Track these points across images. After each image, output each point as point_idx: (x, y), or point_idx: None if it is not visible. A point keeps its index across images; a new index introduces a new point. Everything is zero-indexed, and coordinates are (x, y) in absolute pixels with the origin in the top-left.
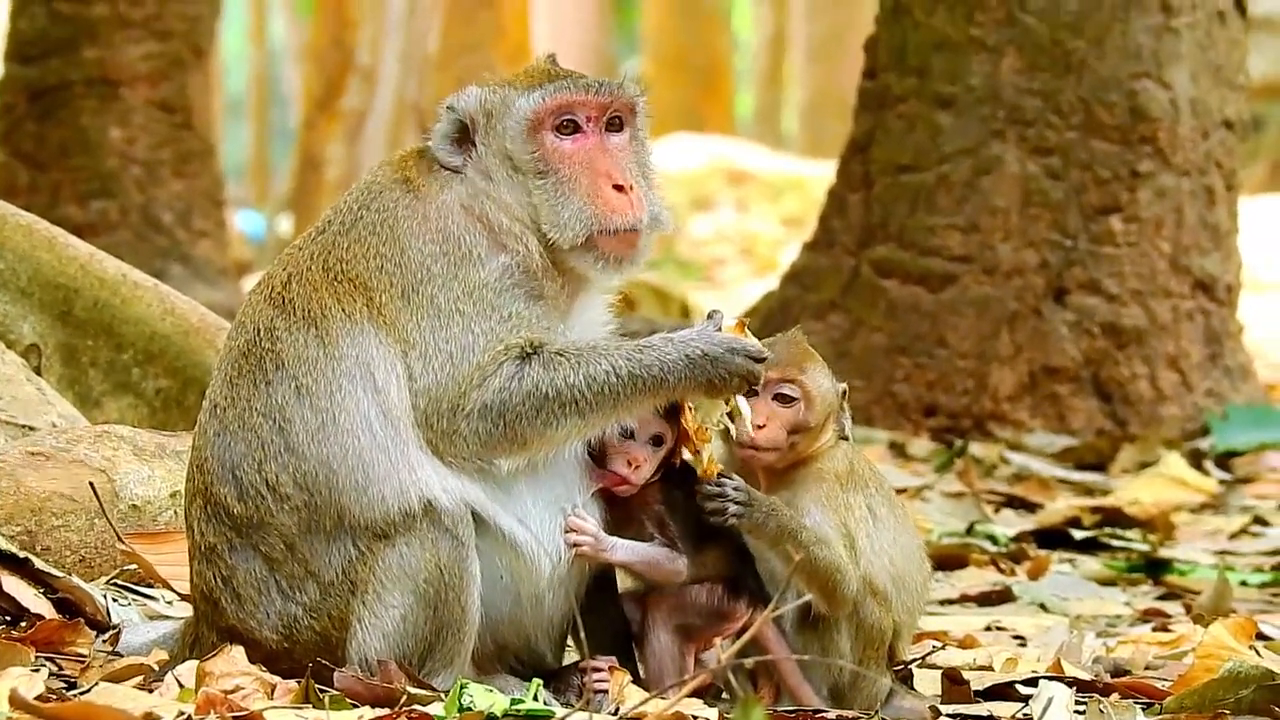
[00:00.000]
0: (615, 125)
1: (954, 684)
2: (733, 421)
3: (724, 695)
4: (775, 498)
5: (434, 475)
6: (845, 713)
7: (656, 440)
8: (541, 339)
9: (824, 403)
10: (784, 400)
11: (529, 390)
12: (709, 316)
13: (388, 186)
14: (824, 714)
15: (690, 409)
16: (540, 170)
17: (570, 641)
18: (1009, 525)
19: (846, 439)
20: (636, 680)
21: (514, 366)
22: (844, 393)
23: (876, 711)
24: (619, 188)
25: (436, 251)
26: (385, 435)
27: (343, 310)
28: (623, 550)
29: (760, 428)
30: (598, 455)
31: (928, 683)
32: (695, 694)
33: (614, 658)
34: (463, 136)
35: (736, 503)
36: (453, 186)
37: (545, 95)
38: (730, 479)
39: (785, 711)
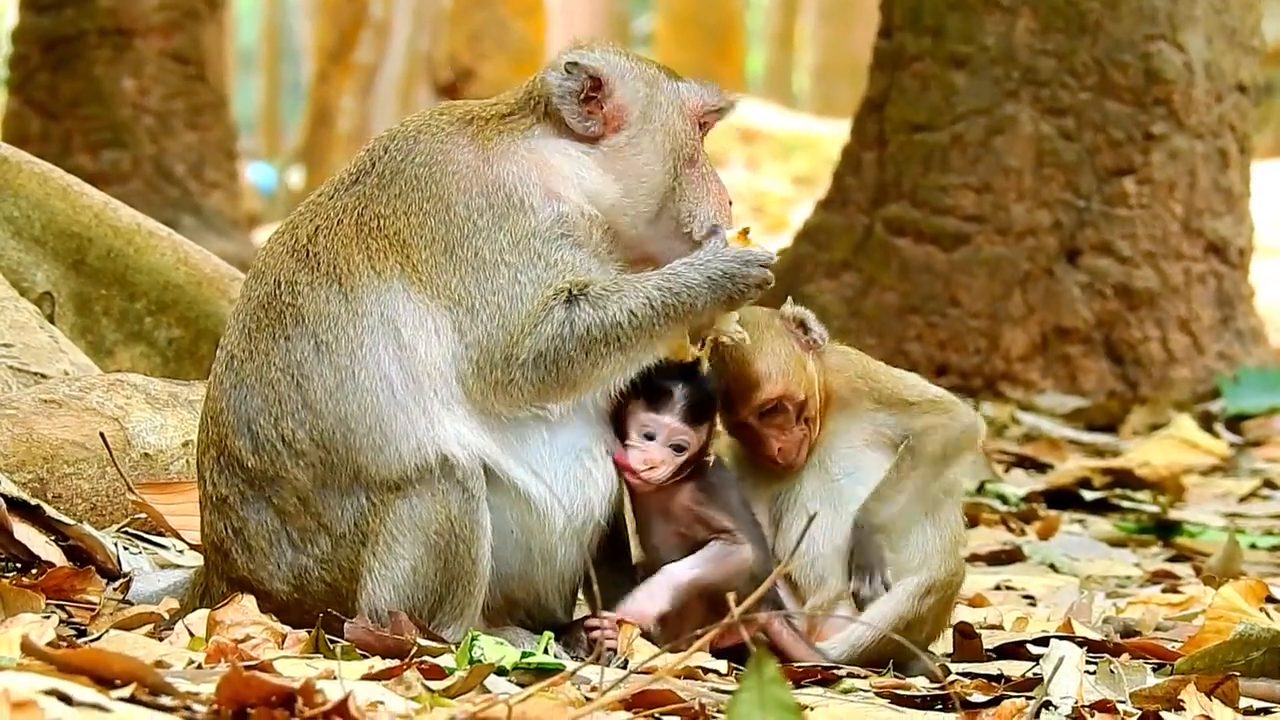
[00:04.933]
0: None
1: (965, 638)
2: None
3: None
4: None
5: (451, 431)
6: (857, 669)
7: (678, 448)
8: (585, 280)
9: (796, 375)
10: (772, 416)
11: (580, 334)
12: (712, 232)
13: (438, 138)
14: (834, 669)
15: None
16: (692, 159)
17: (581, 596)
18: (1019, 485)
19: (819, 346)
20: (647, 635)
21: (564, 311)
22: (793, 318)
23: (888, 669)
24: (729, 200)
25: (484, 204)
26: (405, 393)
27: (373, 268)
28: (664, 598)
29: (778, 455)
30: (619, 430)
31: (939, 642)
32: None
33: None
34: (585, 99)
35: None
36: (519, 137)
37: (710, 93)
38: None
39: (799, 666)
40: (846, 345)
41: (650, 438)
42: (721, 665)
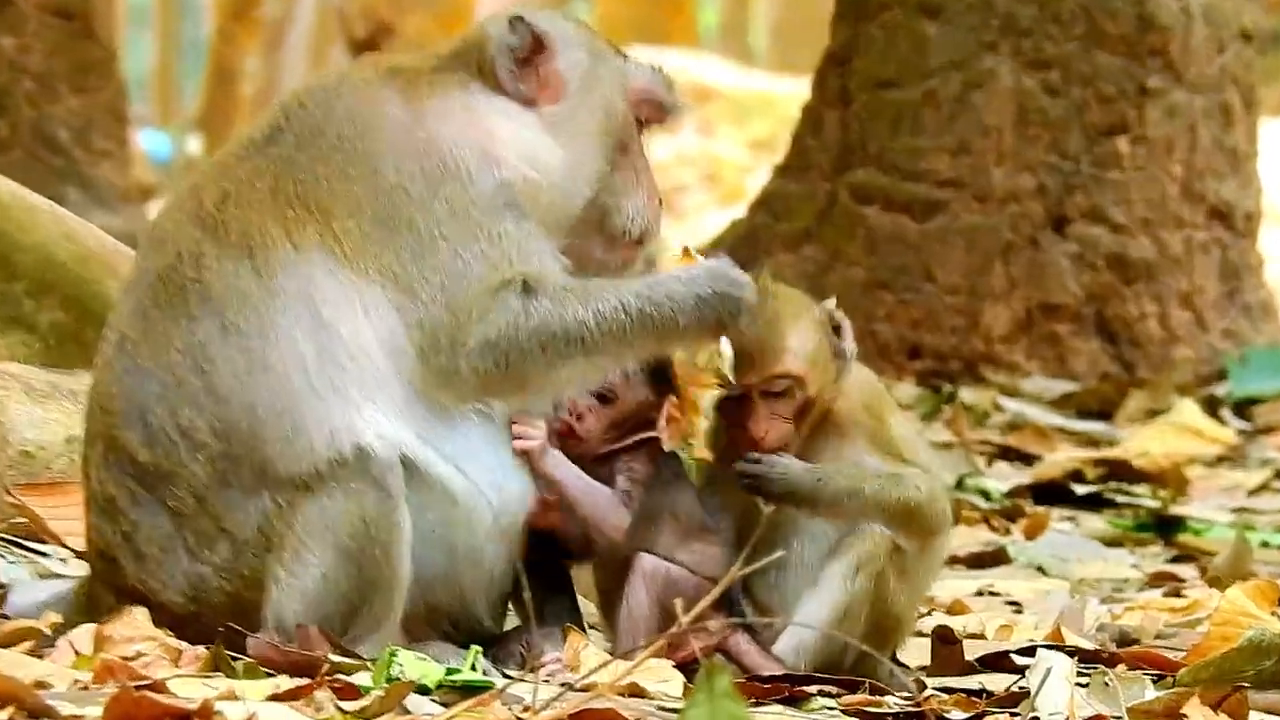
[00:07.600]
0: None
1: (944, 644)
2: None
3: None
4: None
5: (370, 420)
6: (827, 687)
7: (602, 397)
8: (543, 271)
9: (818, 366)
10: (776, 396)
11: (535, 327)
12: (699, 253)
13: (363, 93)
14: (803, 687)
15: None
16: (624, 147)
17: (511, 607)
18: (1003, 479)
19: (844, 357)
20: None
21: (518, 301)
22: (830, 317)
23: (863, 687)
24: (660, 201)
25: (416, 170)
26: (321, 379)
27: (290, 241)
28: (564, 471)
29: (764, 436)
30: None
31: (914, 651)
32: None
33: (558, 627)
34: (524, 61)
35: (777, 474)
36: (454, 93)
37: (658, 81)
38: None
39: (763, 683)
40: None
41: None
42: (677, 681)
